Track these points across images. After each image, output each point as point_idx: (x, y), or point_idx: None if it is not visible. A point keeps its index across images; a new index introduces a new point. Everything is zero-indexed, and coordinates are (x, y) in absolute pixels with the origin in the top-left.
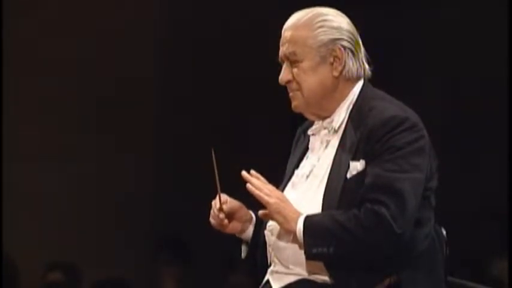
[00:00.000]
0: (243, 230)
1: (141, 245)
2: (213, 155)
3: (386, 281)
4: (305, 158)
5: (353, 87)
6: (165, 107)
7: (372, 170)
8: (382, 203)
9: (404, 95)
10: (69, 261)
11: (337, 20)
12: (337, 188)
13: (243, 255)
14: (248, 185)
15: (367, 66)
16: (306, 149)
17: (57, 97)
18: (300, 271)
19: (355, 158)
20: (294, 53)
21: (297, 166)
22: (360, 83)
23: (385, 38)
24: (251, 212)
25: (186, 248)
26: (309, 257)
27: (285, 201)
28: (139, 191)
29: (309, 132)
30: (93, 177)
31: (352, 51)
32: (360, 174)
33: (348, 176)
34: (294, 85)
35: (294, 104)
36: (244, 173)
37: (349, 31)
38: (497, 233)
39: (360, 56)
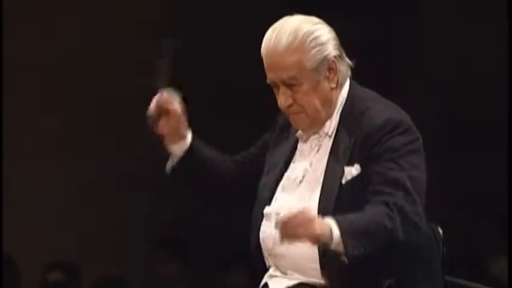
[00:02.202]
0: (172, 140)
1: (141, 245)
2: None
3: (386, 282)
4: (294, 160)
5: (342, 89)
6: None
7: (373, 170)
8: (394, 195)
9: (404, 95)
10: (69, 261)
11: (323, 33)
12: (333, 194)
13: (168, 169)
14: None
15: (349, 61)
16: (293, 148)
17: (57, 97)
18: (298, 276)
19: (350, 163)
20: (293, 78)
21: (285, 167)
22: (347, 84)
23: (385, 42)
24: (190, 133)
25: (185, 247)
26: (349, 258)
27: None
28: (139, 191)
29: (297, 135)
30: (93, 177)
31: (340, 56)
32: (355, 179)
33: (343, 181)
34: (295, 108)
35: (297, 125)
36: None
37: (333, 38)
38: (497, 233)
39: (343, 54)
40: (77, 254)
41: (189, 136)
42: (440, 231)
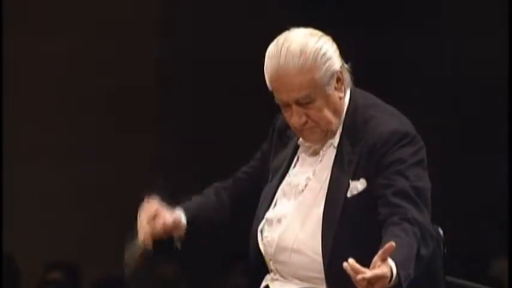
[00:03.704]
0: (169, 235)
1: (141, 245)
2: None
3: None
4: (295, 166)
5: (345, 96)
6: (166, 107)
7: (380, 182)
8: (405, 208)
9: (405, 96)
10: (69, 261)
11: (328, 46)
12: (338, 207)
13: (177, 245)
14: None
15: (346, 65)
16: (294, 153)
17: (58, 97)
18: (299, 282)
19: (355, 177)
20: (307, 96)
21: (285, 172)
22: (349, 90)
23: (386, 40)
24: (182, 218)
25: (185, 247)
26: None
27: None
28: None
29: (299, 142)
30: (93, 177)
31: (342, 64)
32: (361, 194)
33: (349, 195)
34: (310, 124)
35: (311, 140)
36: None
37: (336, 48)
38: (497, 233)
39: (343, 61)
40: (77, 254)
41: (183, 218)
42: (441, 231)
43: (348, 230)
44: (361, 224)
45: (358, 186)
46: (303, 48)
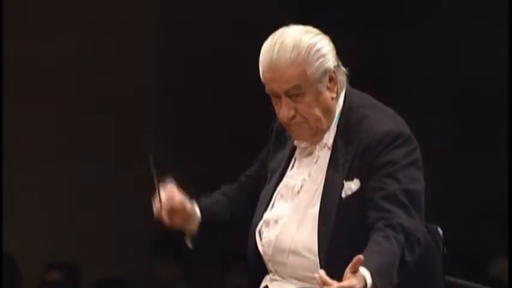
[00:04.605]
0: (184, 227)
1: (141, 245)
2: (151, 157)
3: None
4: (291, 168)
5: (339, 98)
6: (166, 106)
7: (371, 184)
8: (394, 213)
9: (405, 96)
10: (69, 261)
11: (323, 44)
12: (333, 207)
13: (190, 245)
14: None
15: (344, 69)
16: (291, 155)
17: (57, 97)
18: (297, 283)
19: (349, 178)
20: (297, 87)
21: (282, 174)
22: (343, 92)
23: (387, 39)
24: (196, 210)
25: (185, 248)
26: None
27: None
28: (139, 191)
29: (295, 143)
30: (93, 177)
31: (338, 65)
32: (356, 194)
33: (343, 195)
34: (298, 119)
35: (299, 136)
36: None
37: (332, 48)
38: (497, 233)
39: (340, 63)
40: (77, 254)
41: (197, 210)
42: (440, 231)
43: (343, 230)
44: (357, 224)
45: (352, 186)
46: (297, 43)
